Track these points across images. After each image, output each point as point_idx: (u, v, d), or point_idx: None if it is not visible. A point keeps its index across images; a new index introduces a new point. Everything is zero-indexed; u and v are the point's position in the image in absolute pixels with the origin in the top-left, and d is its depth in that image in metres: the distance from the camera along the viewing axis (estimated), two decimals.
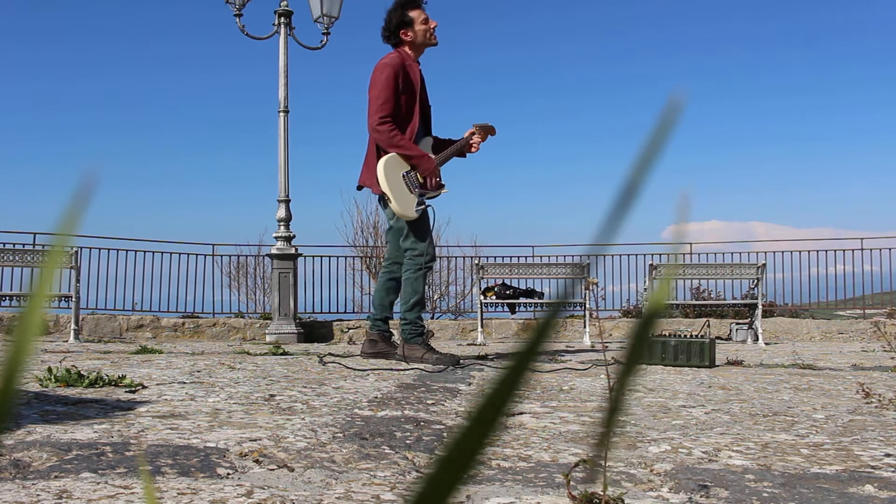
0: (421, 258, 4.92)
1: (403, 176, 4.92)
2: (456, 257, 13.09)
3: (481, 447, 0.21)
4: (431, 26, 5.01)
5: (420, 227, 4.94)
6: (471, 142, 5.13)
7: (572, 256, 11.56)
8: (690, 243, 12.21)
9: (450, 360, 4.65)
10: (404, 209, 4.89)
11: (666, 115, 0.23)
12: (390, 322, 5.21)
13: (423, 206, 4.92)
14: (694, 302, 11.36)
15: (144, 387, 3.13)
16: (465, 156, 5.21)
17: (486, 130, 5.17)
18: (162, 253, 11.30)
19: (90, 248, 10.60)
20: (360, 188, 5.17)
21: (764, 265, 8.56)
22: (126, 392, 2.94)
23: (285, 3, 9.48)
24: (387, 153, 4.92)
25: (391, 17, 5.04)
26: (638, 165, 0.22)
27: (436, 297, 13.42)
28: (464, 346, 8.10)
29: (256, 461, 1.73)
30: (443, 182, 5.07)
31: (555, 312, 0.22)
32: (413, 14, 4.99)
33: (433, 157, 4.99)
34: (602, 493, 1.35)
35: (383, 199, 4.99)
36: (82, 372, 3.17)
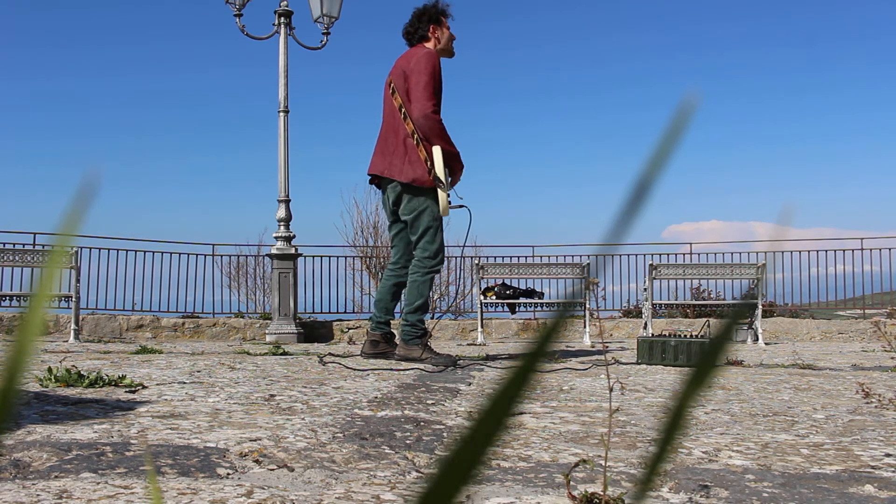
0: (431, 261, 4.84)
1: (446, 173, 4.79)
2: (456, 257, 13.10)
3: (487, 448, 0.21)
4: (454, 40, 5.10)
5: (440, 230, 4.86)
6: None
7: (573, 256, 11.56)
8: (690, 243, 12.22)
9: (447, 361, 4.62)
10: (444, 204, 4.79)
11: (679, 116, 0.22)
12: (392, 323, 5.20)
13: (456, 207, 4.83)
14: (694, 302, 11.37)
15: (144, 387, 3.13)
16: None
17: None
18: (162, 253, 11.30)
19: (90, 248, 10.61)
20: (374, 180, 4.98)
21: (764, 265, 8.56)
22: (126, 392, 2.94)
23: (285, 3, 9.48)
24: (425, 144, 4.75)
25: (426, 11, 5.00)
26: (649, 166, 0.22)
27: (436, 297, 13.43)
28: (464, 346, 8.09)
29: (256, 461, 1.72)
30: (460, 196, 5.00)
31: (563, 314, 0.22)
32: (444, 20, 5.05)
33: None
34: (602, 493, 1.35)
35: (410, 191, 4.79)
36: (82, 372, 3.17)
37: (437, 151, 4.72)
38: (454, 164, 4.83)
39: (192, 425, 2.18)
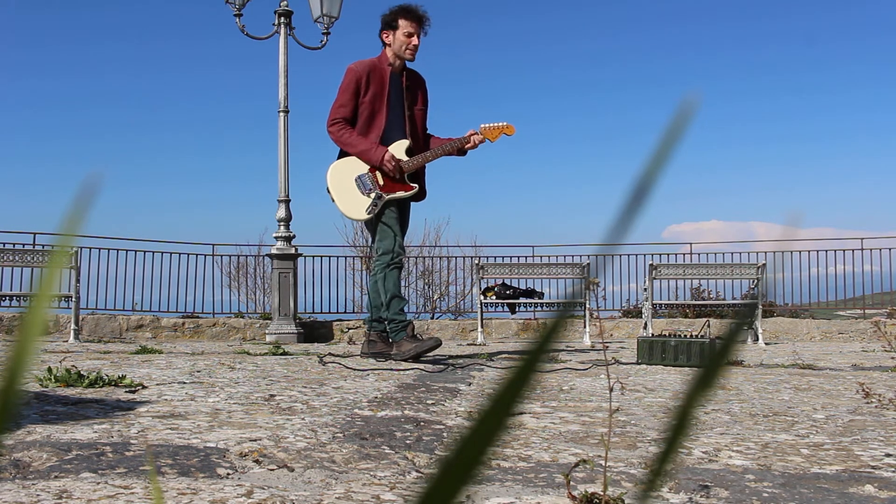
0: (385, 257, 5.02)
1: (357, 179, 5.05)
2: (456, 257, 13.09)
3: (487, 448, 0.21)
4: (411, 43, 5.09)
5: (381, 228, 5.04)
6: (469, 140, 5.15)
7: (572, 256, 11.56)
8: (690, 243, 12.22)
9: (432, 344, 4.88)
10: (351, 212, 5.08)
11: (679, 117, 0.23)
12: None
13: (375, 209, 4.98)
14: (694, 302, 11.37)
15: (144, 387, 3.13)
16: (464, 154, 5.23)
17: (499, 131, 5.17)
18: (162, 253, 11.30)
19: (90, 248, 10.60)
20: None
21: (764, 265, 8.56)
22: (126, 392, 2.94)
23: (285, 3, 9.48)
24: (346, 155, 5.09)
25: (382, 17, 5.17)
26: (649, 166, 0.22)
27: (436, 297, 13.43)
28: (464, 346, 8.10)
29: (256, 461, 1.72)
30: (412, 183, 5.10)
31: (563, 314, 0.22)
32: (402, 22, 5.08)
33: (388, 149, 5.01)
34: (602, 493, 1.35)
35: None
36: (82, 372, 3.17)
37: (330, 168, 5.11)
38: (367, 158, 5.01)
39: (192, 425, 2.18)
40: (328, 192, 5.12)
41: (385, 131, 5.07)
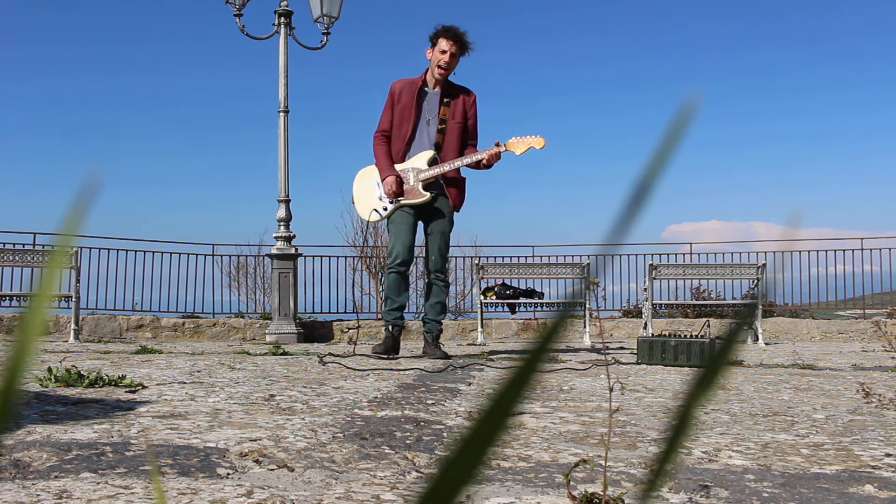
0: (389, 259, 5.51)
1: (377, 182, 5.53)
2: (456, 257, 13.10)
3: (487, 448, 0.21)
4: (443, 59, 5.36)
5: (392, 231, 5.51)
6: (486, 157, 5.40)
7: (573, 256, 11.57)
8: (690, 243, 12.22)
9: (382, 349, 5.35)
10: (362, 211, 5.64)
11: (680, 116, 0.22)
12: (433, 321, 5.64)
13: (381, 213, 5.46)
14: (694, 302, 11.37)
15: (144, 387, 3.13)
16: (489, 167, 5.50)
17: (526, 144, 5.36)
18: (162, 253, 11.31)
19: (90, 248, 10.61)
20: None
21: (764, 265, 8.56)
22: (126, 392, 2.94)
23: (285, 3, 9.48)
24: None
25: (430, 34, 5.53)
26: (650, 166, 0.22)
27: None
28: (464, 346, 8.10)
29: (256, 461, 1.72)
30: (425, 192, 5.39)
31: (563, 314, 0.22)
32: (440, 40, 5.40)
33: (393, 169, 5.40)
34: (602, 493, 1.35)
35: None
36: (82, 372, 3.17)
37: (359, 172, 5.69)
38: (380, 174, 5.48)
39: (192, 425, 2.18)
40: (352, 189, 5.65)
41: (410, 142, 5.45)
